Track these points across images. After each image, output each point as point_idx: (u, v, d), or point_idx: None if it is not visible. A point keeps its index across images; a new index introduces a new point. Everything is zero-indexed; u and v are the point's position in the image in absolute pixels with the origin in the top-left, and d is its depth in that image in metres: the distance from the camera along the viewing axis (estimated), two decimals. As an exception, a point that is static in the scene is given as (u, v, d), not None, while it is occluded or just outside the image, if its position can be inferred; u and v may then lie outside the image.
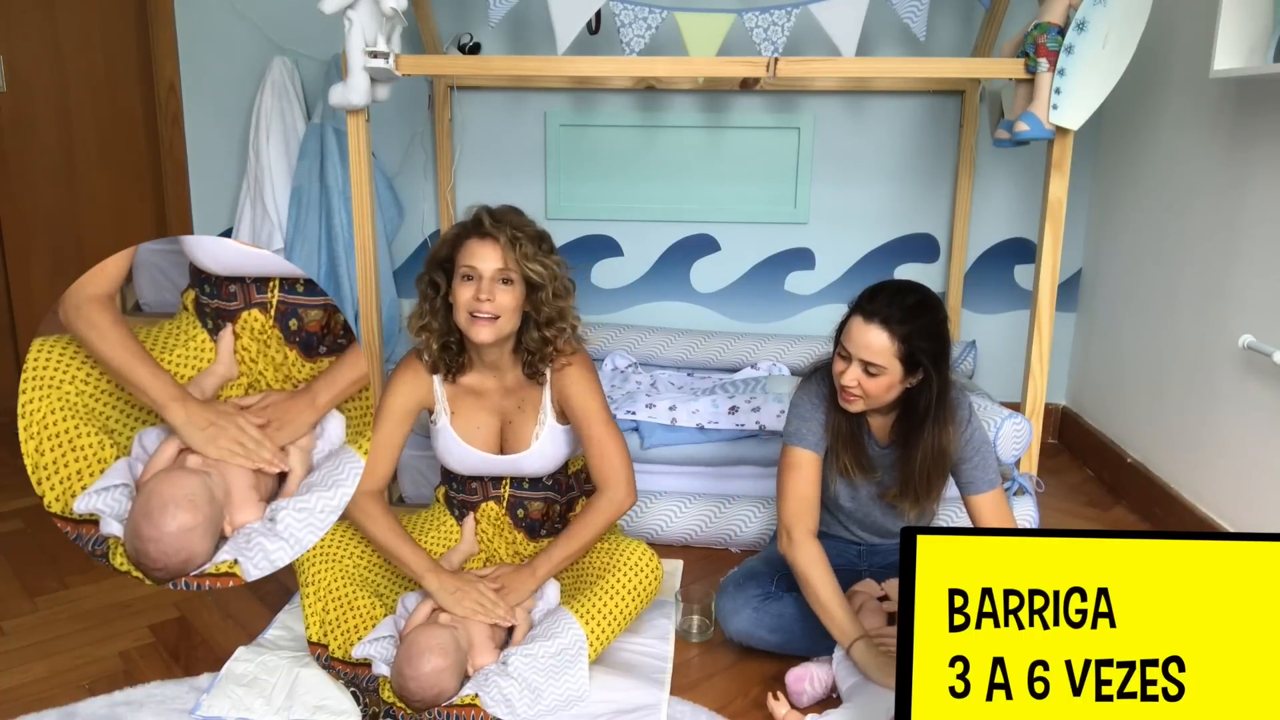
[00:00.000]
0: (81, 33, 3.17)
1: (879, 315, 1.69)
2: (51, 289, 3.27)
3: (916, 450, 1.78)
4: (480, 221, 1.78)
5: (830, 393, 1.83)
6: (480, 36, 3.03)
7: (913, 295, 1.72)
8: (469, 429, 1.94)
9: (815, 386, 1.87)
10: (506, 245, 1.76)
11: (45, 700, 1.74)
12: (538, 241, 1.80)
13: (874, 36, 3.00)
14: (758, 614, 1.85)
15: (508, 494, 2.02)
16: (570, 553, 1.89)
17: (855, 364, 1.72)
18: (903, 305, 1.70)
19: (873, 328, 1.69)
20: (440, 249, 1.83)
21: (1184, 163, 2.51)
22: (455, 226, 1.83)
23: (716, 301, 3.30)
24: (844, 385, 1.74)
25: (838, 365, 1.77)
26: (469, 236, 1.79)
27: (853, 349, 1.72)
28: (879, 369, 1.70)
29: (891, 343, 1.68)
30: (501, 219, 1.78)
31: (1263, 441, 2.14)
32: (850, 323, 1.74)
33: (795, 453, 1.85)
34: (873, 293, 1.74)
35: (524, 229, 1.79)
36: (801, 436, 1.85)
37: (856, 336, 1.71)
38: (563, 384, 1.89)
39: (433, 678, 1.64)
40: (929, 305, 1.73)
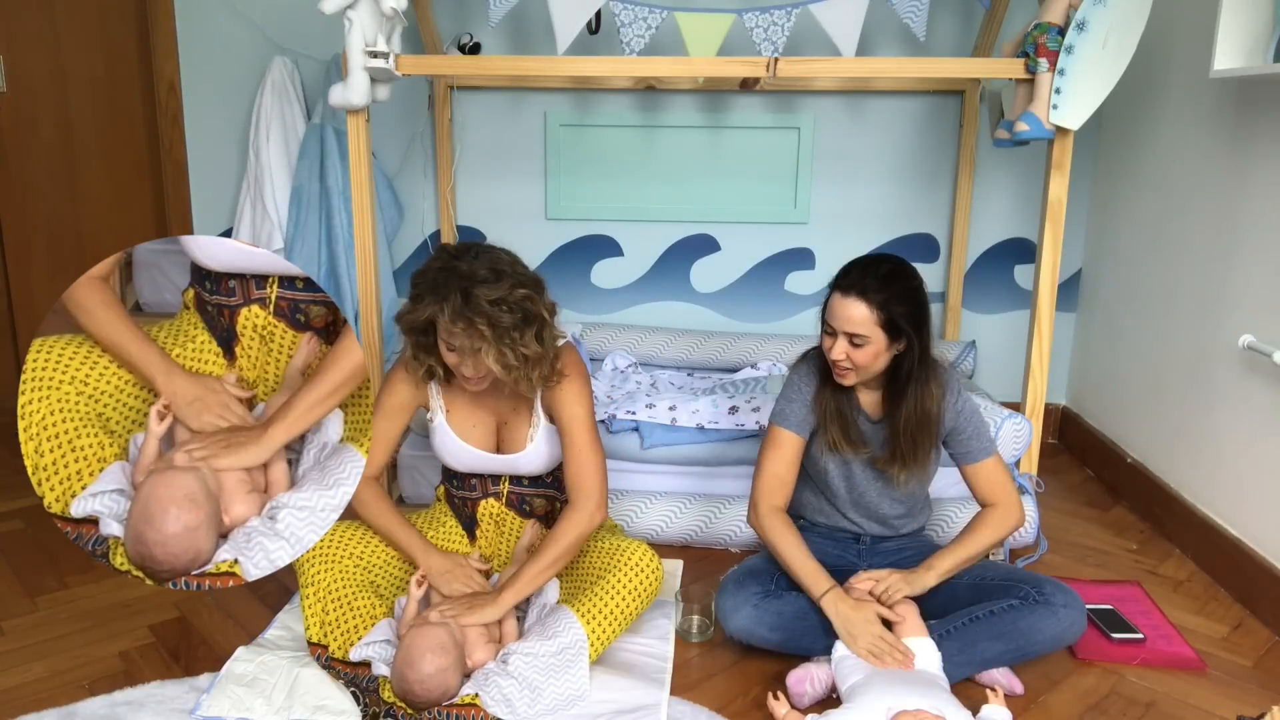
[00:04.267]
0: (81, 33, 3.17)
1: (855, 288, 1.78)
2: (51, 289, 3.27)
3: (901, 411, 1.86)
4: (446, 307, 1.66)
5: (819, 370, 1.92)
6: (480, 36, 3.03)
7: (885, 264, 1.81)
8: (465, 427, 1.95)
9: (805, 366, 1.96)
10: (472, 338, 1.67)
11: (45, 700, 1.74)
12: (510, 330, 1.69)
13: (874, 36, 3.00)
14: (758, 611, 1.85)
15: (507, 490, 2.03)
16: (539, 573, 1.81)
17: (841, 338, 1.80)
18: (877, 275, 1.78)
19: (851, 300, 1.78)
20: (419, 313, 1.71)
21: (1184, 163, 2.51)
22: (429, 292, 1.68)
23: (716, 301, 3.30)
24: (834, 360, 1.82)
25: (825, 342, 1.85)
26: (441, 314, 1.67)
27: (836, 324, 1.80)
28: (863, 339, 1.78)
29: (870, 311, 1.77)
30: (472, 308, 1.65)
31: (1263, 441, 2.14)
32: (831, 299, 1.82)
33: (776, 431, 1.94)
34: (848, 268, 1.83)
35: (495, 320, 1.66)
36: (785, 416, 1.93)
37: (838, 311, 1.80)
38: (552, 394, 1.88)
39: (437, 677, 1.64)
40: (903, 273, 1.81)
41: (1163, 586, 2.25)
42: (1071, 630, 1.81)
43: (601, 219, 3.24)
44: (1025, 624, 1.77)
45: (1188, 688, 1.84)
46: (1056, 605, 1.80)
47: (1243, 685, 1.85)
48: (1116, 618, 2.04)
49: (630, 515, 2.38)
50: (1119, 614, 2.06)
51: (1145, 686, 1.84)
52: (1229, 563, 2.23)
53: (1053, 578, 1.86)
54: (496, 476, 2.02)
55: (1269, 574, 2.08)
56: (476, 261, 1.70)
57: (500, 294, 1.67)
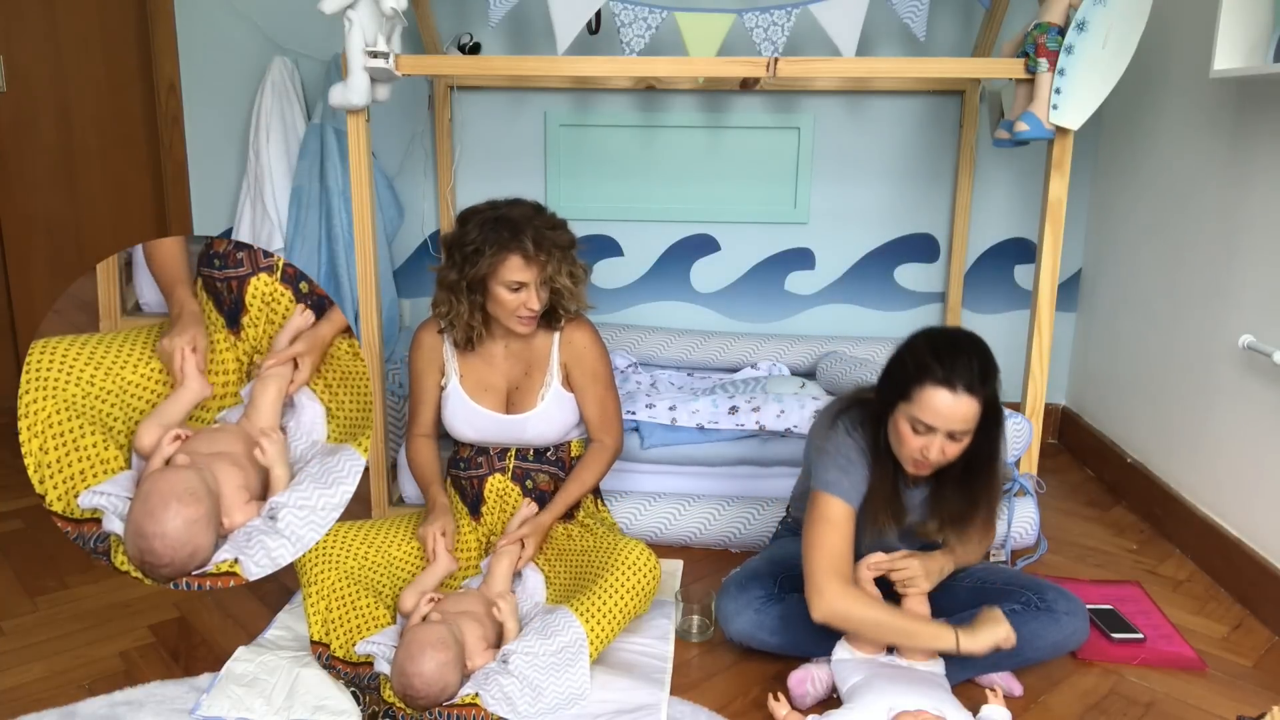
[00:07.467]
0: (81, 33, 3.17)
1: (963, 383, 1.59)
2: (51, 289, 3.27)
3: (978, 480, 1.72)
4: (524, 245, 1.90)
5: (871, 445, 1.74)
6: (480, 36, 3.03)
7: (973, 349, 1.64)
8: (477, 390, 2.07)
9: (855, 440, 1.76)
10: (552, 265, 1.94)
11: (45, 700, 1.74)
12: (568, 249, 1.98)
13: (874, 36, 3.00)
14: (759, 616, 1.85)
15: (513, 465, 2.09)
16: (573, 495, 2.09)
17: (939, 435, 1.63)
18: (976, 368, 1.61)
19: (962, 399, 1.59)
20: (482, 267, 1.91)
21: (1184, 162, 2.51)
22: (490, 244, 1.90)
23: (716, 301, 3.30)
24: (929, 459, 1.65)
25: (914, 441, 1.65)
26: (513, 255, 1.90)
27: (938, 422, 1.61)
28: (965, 433, 1.64)
29: (980, 405, 1.62)
30: (542, 240, 1.92)
31: (1263, 441, 2.14)
32: (925, 395, 1.61)
33: (834, 505, 1.73)
34: (938, 356, 1.62)
35: (559, 243, 1.95)
36: (843, 490, 1.73)
37: (945, 410, 1.60)
38: (575, 346, 2.05)
39: (436, 673, 1.65)
40: (988, 354, 1.66)
41: (1163, 586, 2.25)
42: (1074, 638, 1.81)
43: (601, 219, 3.24)
44: (1027, 630, 1.76)
45: (1188, 688, 1.84)
46: (1059, 612, 1.79)
47: (1243, 685, 1.85)
48: (1116, 618, 2.04)
49: (630, 515, 2.38)
50: (1119, 614, 2.06)
51: (1145, 686, 1.84)
52: (1229, 563, 2.23)
53: (1056, 584, 1.86)
54: (503, 451, 2.09)
55: (1269, 574, 2.08)
56: (515, 205, 1.98)
57: (551, 220, 1.98)
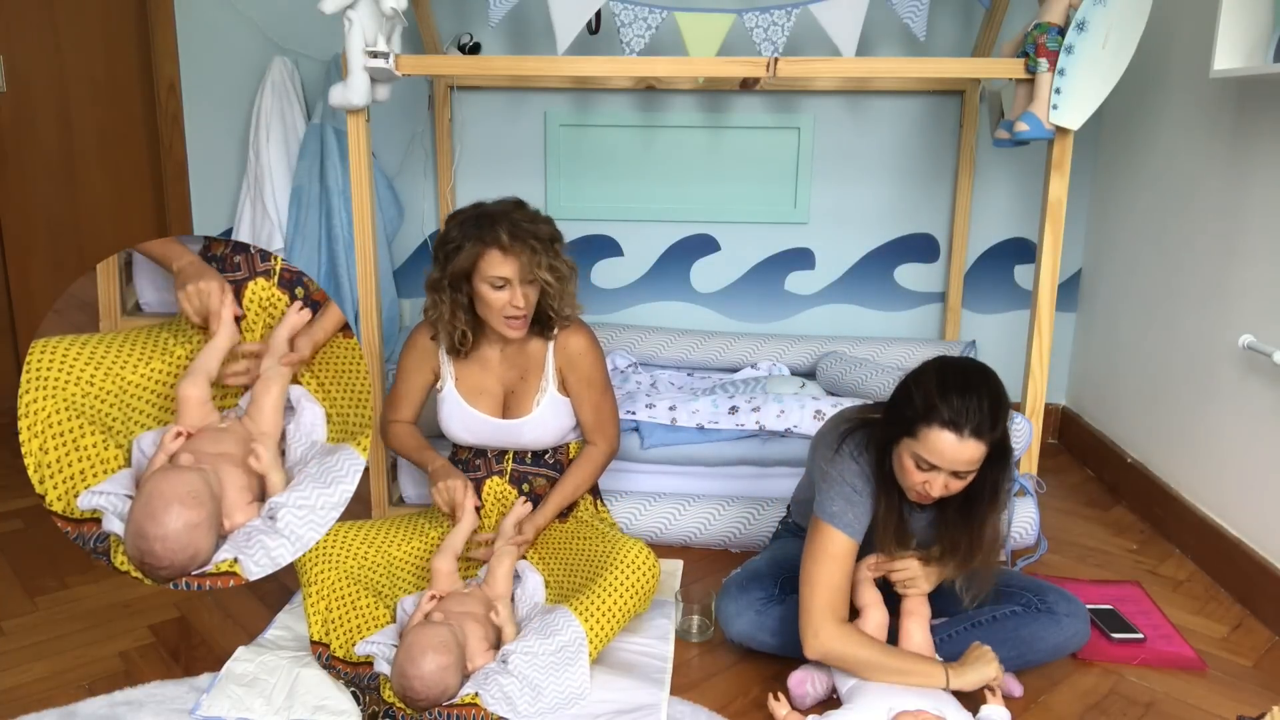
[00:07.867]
0: (81, 33, 3.17)
1: (970, 426, 1.55)
2: (51, 289, 3.27)
3: (978, 512, 1.69)
4: (499, 237, 1.87)
5: (876, 469, 1.71)
6: (480, 36, 3.03)
7: (985, 388, 1.58)
8: (473, 394, 2.05)
9: (860, 466, 1.72)
10: (529, 255, 1.88)
11: (45, 700, 1.74)
12: (550, 242, 1.93)
13: (874, 36, 3.00)
14: (760, 617, 1.85)
15: (510, 468, 2.09)
16: (564, 498, 2.09)
17: (943, 474, 1.60)
18: (986, 410, 1.56)
19: (969, 443, 1.55)
20: (461, 262, 1.90)
21: (1184, 163, 2.51)
22: (469, 240, 1.89)
23: (716, 301, 3.30)
24: (930, 494, 1.63)
25: (917, 475, 1.62)
26: (490, 249, 1.88)
27: (943, 464, 1.58)
28: (970, 472, 1.61)
29: (986, 447, 1.58)
30: (518, 231, 1.88)
31: (1263, 441, 2.14)
32: (931, 437, 1.57)
33: (837, 540, 1.69)
34: (946, 396, 1.56)
35: (538, 235, 1.90)
36: (847, 523, 1.69)
37: (949, 453, 1.56)
38: (570, 351, 2.03)
39: (436, 675, 1.64)
40: (1001, 394, 1.60)
41: (1163, 586, 2.25)
42: (1074, 640, 1.81)
43: (601, 219, 3.24)
44: (1027, 632, 1.76)
45: (1188, 688, 1.84)
46: (1060, 614, 1.79)
47: (1243, 685, 1.85)
48: (1116, 618, 2.04)
49: (630, 516, 2.38)
50: (1119, 614, 2.06)
51: (1145, 686, 1.84)
52: (1229, 563, 2.23)
53: (1056, 585, 1.86)
54: (501, 454, 2.09)
55: (1269, 574, 2.08)
56: (498, 203, 1.96)
57: (532, 214, 1.95)
